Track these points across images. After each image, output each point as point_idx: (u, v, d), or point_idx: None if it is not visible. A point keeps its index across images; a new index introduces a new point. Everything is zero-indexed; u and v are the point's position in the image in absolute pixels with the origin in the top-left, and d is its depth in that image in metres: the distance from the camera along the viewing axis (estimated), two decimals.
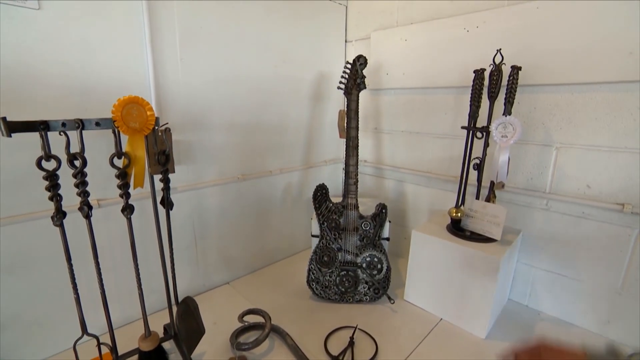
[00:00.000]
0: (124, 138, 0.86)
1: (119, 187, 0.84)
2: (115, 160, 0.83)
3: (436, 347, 1.21)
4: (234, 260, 1.63)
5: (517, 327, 1.32)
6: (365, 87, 1.43)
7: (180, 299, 1.10)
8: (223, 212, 1.53)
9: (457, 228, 1.39)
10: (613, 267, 1.22)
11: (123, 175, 0.83)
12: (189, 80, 1.30)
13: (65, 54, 1.01)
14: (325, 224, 1.43)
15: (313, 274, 1.47)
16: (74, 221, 0.93)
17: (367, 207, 1.66)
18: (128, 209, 0.87)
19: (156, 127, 0.90)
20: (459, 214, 1.37)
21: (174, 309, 1.14)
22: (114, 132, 0.81)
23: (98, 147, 1.05)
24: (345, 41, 1.92)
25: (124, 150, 0.86)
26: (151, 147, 0.88)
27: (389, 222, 1.48)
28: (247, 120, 1.52)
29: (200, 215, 1.44)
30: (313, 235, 1.58)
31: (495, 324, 1.33)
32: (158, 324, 1.23)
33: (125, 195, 0.85)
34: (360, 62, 1.42)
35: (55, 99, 1.01)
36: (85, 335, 0.93)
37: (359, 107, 1.42)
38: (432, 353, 1.18)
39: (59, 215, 0.83)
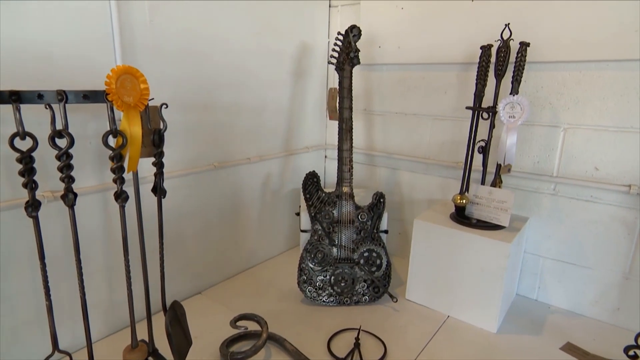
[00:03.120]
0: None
1: (113, 170, 0.87)
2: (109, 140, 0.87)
3: (447, 344, 1.36)
4: (207, 266, 1.67)
5: (528, 321, 1.50)
6: (359, 62, 1.55)
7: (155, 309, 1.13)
8: (195, 207, 1.55)
9: (461, 216, 1.55)
10: (621, 251, 1.44)
11: (118, 157, 0.87)
12: (160, 46, 1.32)
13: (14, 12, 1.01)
14: (318, 216, 1.53)
15: (305, 274, 1.55)
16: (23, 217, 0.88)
17: (359, 197, 1.78)
18: (122, 197, 0.90)
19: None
20: (464, 201, 1.53)
21: (154, 319, 1.18)
22: (112, 107, 0.85)
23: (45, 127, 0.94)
24: (330, 6, 2.01)
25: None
26: (145, 126, 0.93)
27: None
28: (224, 99, 1.57)
29: (169, 211, 1.47)
30: (302, 230, 1.67)
31: (505, 318, 1.51)
32: (127, 340, 1.25)
33: (120, 180, 0.88)
34: (353, 33, 1.53)
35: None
36: (56, 353, 0.95)
37: None
38: (444, 350, 1.33)
39: (35, 205, 0.86)
